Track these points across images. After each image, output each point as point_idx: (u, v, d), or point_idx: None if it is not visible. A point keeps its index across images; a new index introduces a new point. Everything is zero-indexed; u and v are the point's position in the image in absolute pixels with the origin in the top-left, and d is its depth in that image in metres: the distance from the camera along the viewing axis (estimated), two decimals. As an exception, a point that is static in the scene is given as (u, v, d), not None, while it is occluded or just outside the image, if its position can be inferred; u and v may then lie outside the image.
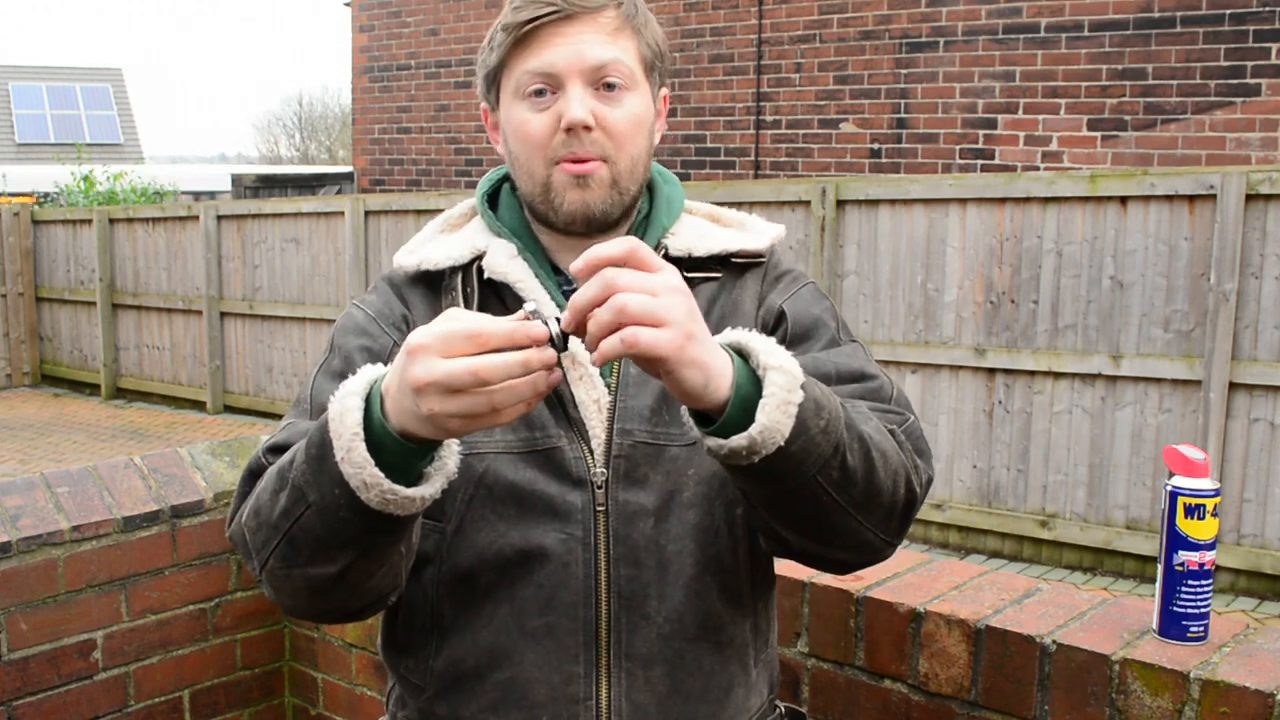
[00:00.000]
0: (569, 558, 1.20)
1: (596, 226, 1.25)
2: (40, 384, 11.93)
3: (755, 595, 1.31)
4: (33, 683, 2.16)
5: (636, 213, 1.32)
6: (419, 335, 0.96)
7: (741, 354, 1.04)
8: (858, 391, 1.24)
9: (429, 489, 1.03)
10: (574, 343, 1.12)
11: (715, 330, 1.26)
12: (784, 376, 1.01)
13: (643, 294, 0.94)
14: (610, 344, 0.93)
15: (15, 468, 8.15)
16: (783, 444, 1.01)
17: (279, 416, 9.28)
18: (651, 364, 0.96)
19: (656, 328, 0.93)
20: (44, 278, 11.76)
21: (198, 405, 10.26)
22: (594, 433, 1.23)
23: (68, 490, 2.23)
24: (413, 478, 1.03)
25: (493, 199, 1.37)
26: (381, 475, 1.00)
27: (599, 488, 1.21)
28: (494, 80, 1.26)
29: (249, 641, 2.50)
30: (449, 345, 0.94)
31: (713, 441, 1.03)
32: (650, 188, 1.35)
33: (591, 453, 1.22)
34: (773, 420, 1.00)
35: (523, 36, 1.21)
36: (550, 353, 0.95)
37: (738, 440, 1.01)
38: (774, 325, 1.30)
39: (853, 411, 1.12)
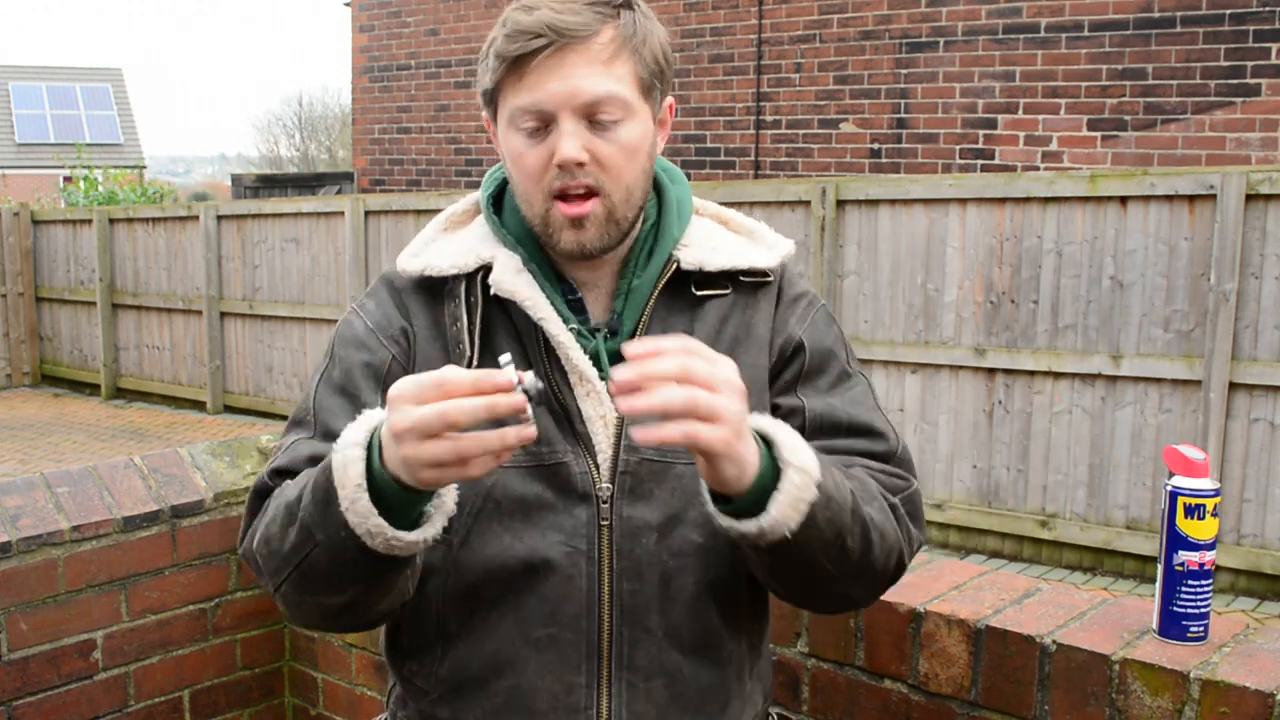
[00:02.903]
0: (573, 570, 1.22)
1: (594, 257, 1.26)
2: (40, 384, 11.93)
3: (754, 615, 1.33)
4: (33, 683, 2.16)
5: (643, 220, 1.31)
6: (399, 385, 1.02)
7: (766, 441, 1.10)
8: (865, 449, 1.29)
9: (430, 530, 1.09)
10: (585, 366, 1.22)
11: (729, 350, 1.27)
12: (801, 476, 1.08)
13: (708, 390, 0.99)
14: (670, 433, 0.99)
15: (15, 468, 8.15)
16: (788, 535, 1.08)
17: (279, 416, 9.28)
18: (698, 451, 1.02)
19: (714, 423, 0.99)
20: (44, 278, 11.76)
21: (198, 405, 10.26)
22: (600, 448, 1.24)
23: (68, 490, 2.23)
24: (414, 518, 1.09)
25: (497, 199, 1.36)
26: (385, 524, 1.05)
27: (604, 502, 1.23)
28: (491, 99, 1.26)
29: (249, 641, 2.50)
30: (421, 393, 1.00)
31: (724, 520, 1.10)
32: (658, 188, 1.34)
33: (597, 468, 1.23)
34: (783, 515, 1.07)
35: (513, 66, 1.20)
36: (519, 397, 0.99)
37: (747, 526, 1.08)
38: (791, 355, 1.32)
39: (861, 494, 1.18)
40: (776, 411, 1.30)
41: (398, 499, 1.05)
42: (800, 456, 1.08)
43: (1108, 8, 7.29)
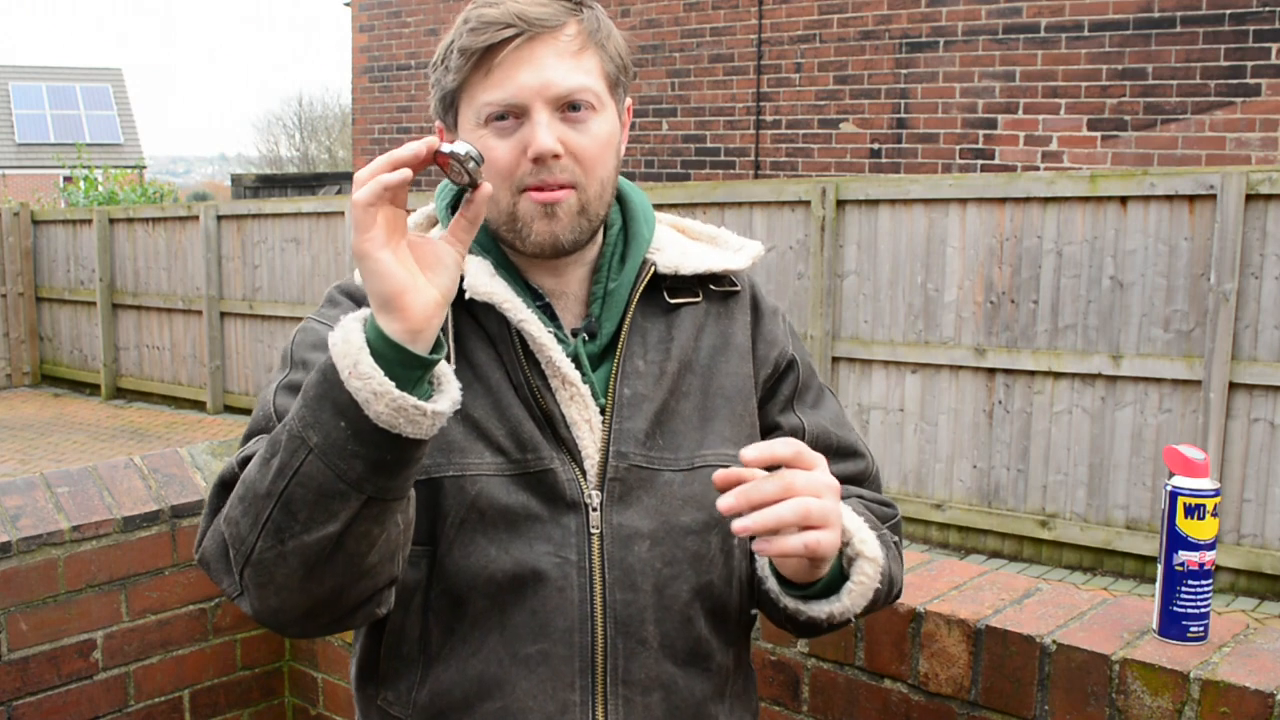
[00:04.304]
0: (564, 582, 1.17)
1: (565, 254, 1.22)
2: (40, 384, 11.93)
3: (740, 626, 1.31)
4: (33, 683, 2.16)
5: (609, 228, 1.28)
6: (355, 242, 1.04)
7: None
8: (853, 472, 1.36)
9: (438, 405, 1.02)
10: (568, 368, 1.20)
11: (709, 359, 1.28)
12: (871, 567, 1.15)
13: (815, 497, 1.04)
14: (793, 545, 1.03)
15: (15, 468, 8.15)
16: (852, 619, 1.18)
17: (279, 416, 9.27)
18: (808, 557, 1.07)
19: (826, 529, 1.04)
20: (44, 278, 11.76)
21: (198, 405, 10.26)
22: (587, 454, 1.20)
23: (68, 490, 2.23)
24: (419, 394, 1.04)
25: (453, 209, 1.30)
26: (391, 384, 0.99)
27: (593, 510, 1.19)
28: (451, 103, 1.21)
29: (249, 641, 2.50)
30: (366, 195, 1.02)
31: (791, 603, 1.18)
32: (620, 195, 1.31)
33: (584, 474, 1.19)
34: (853, 603, 1.15)
35: (481, 60, 1.15)
36: (432, 138, 1.04)
37: (816, 611, 1.16)
38: (786, 369, 1.34)
39: (890, 554, 1.24)
40: (778, 430, 1.32)
41: (397, 363, 1.01)
42: (870, 546, 1.15)
43: (1108, 8, 7.29)
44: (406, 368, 1.01)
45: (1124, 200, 5.38)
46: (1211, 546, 1.43)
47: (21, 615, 2.13)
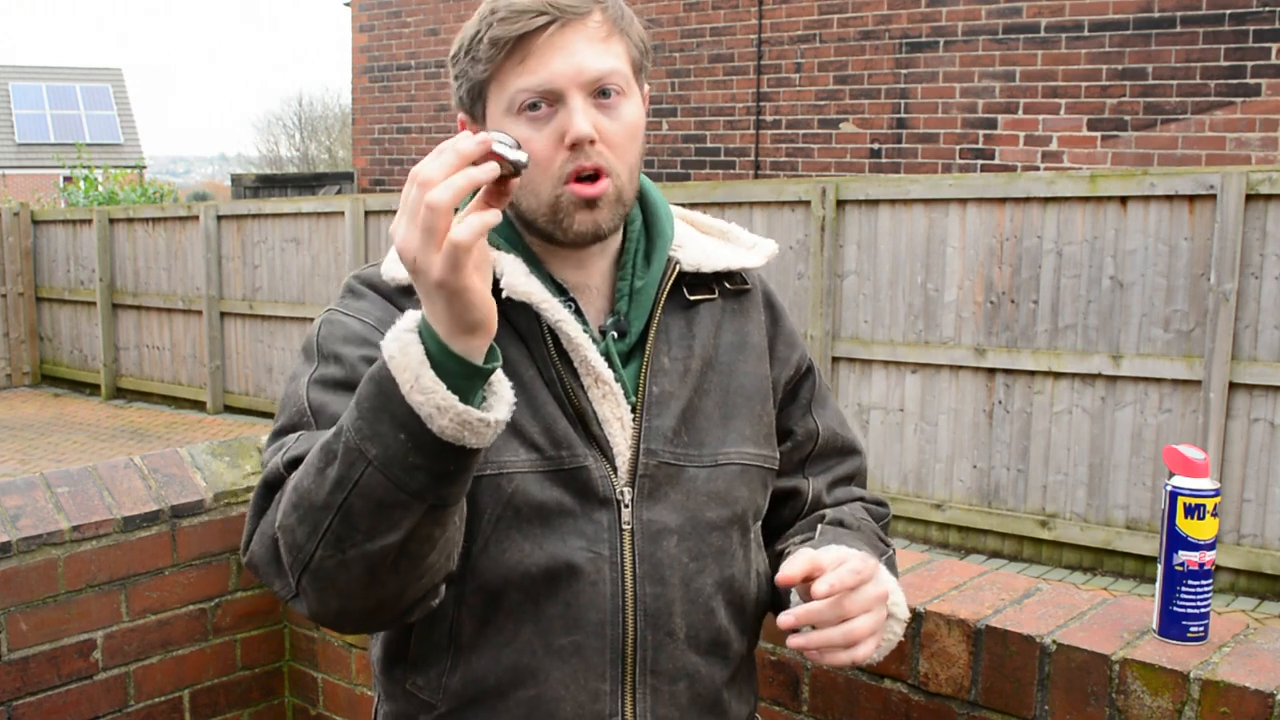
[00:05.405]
0: (597, 576, 1.20)
1: (601, 240, 1.24)
2: (40, 384, 11.94)
3: (755, 616, 1.35)
4: (33, 683, 2.16)
5: (630, 222, 1.29)
6: (399, 242, 1.00)
7: None
8: (854, 468, 1.45)
9: (498, 413, 1.03)
10: (602, 368, 1.22)
11: (731, 358, 1.32)
12: (900, 626, 1.26)
13: (865, 613, 1.16)
14: (841, 660, 1.16)
15: (15, 468, 8.15)
16: (873, 662, 1.27)
17: (279, 416, 9.27)
18: None
19: (867, 640, 1.17)
20: (44, 278, 11.76)
21: (198, 405, 10.26)
22: (618, 450, 1.23)
23: (68, 490, 2.23)
24: (475, 403, 1.03)
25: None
26: (455, 398, 0.99)
27: (625, 506, 1.22)
28: (480, 94, 1.21)
29: (249, 641, 2.50)
30: (412, 217, 0.97)
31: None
32: (639, 190, 1.32)
33: (615, 471, 1.22)
34: (881, 655, 1.25)
35: (515, 48, 1.16)
36: (482, 135, 0.99)
37: (841, 660, 1.23)
38: (805, 373, 1.40)
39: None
40: (792, 435, 1.38)
41: (458, 375, 1.00)
42: (900, 609, 1.25)
43: (1108, 8, 7.29)
44: (469, 379, 1.01)
45: (1124, 200, 5.38)
46: (1211, 546, 1.43)
47: (21, 615, 2.13)
